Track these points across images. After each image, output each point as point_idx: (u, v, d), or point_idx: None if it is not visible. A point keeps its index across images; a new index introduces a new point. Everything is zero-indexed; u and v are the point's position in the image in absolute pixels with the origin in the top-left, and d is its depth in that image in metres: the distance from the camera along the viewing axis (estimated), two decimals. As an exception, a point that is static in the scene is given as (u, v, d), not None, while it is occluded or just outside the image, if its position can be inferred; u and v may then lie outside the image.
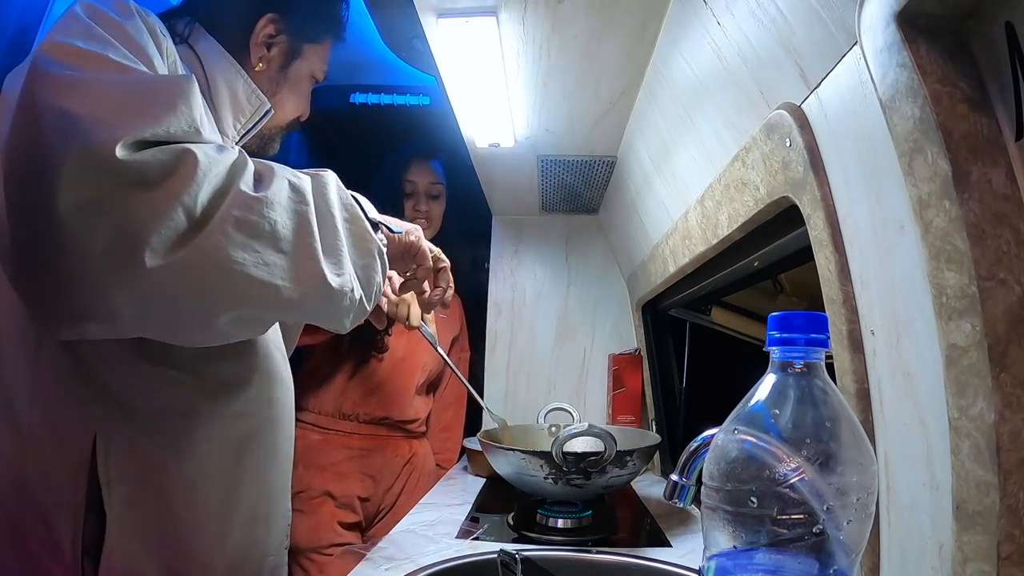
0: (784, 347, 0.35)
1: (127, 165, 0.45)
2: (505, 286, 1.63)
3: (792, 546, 0.32)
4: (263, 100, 0.72)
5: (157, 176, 0.46)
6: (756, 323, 1.23)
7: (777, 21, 0.51)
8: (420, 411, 1.38)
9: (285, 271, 0.51)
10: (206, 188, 0.48)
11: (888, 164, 0.41)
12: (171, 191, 0.46)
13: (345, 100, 1.81)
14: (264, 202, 0.50)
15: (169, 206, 0.46)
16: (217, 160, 0.49)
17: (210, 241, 0.47)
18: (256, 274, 0.50)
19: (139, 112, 0.47)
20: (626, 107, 0.96)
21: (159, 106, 0.48)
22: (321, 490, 1.23)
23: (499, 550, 0.67)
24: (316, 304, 0.55)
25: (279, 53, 0.75)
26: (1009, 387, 0.33)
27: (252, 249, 0.49)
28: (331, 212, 0.57)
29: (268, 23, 0.73)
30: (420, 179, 1.38)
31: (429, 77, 1.54)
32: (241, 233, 0.49)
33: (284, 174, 0.54)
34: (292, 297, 0.52)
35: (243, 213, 0.49)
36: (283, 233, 0.51)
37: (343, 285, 0.56)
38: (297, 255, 0.52)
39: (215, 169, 0.49)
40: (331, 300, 0.55)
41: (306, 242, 0.53)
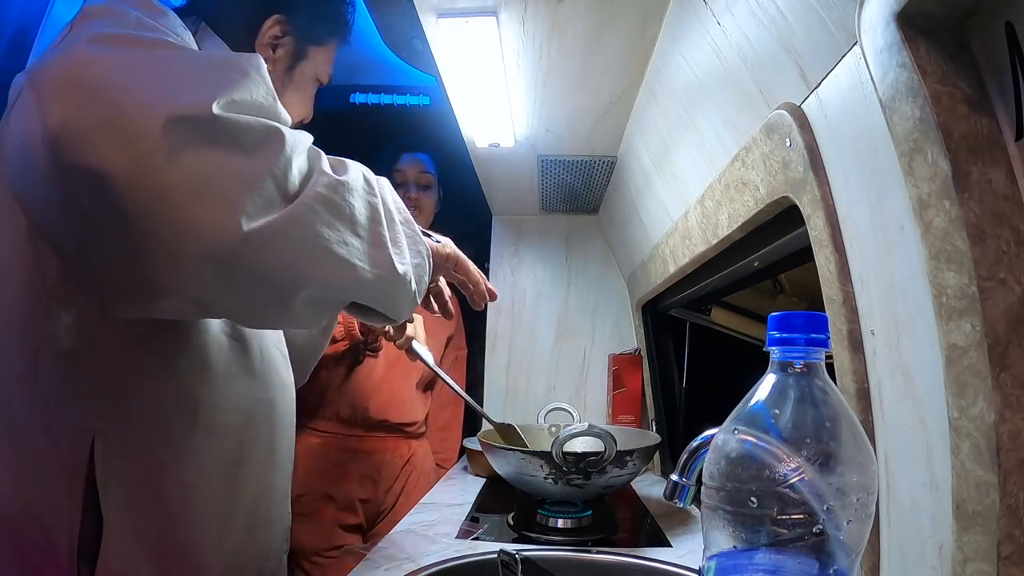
0: (784, 347, 0.35)
1: (224, 123, 0.46)
2: (505, 286, 1.63)
3: (792, 546, 0.32)
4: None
5: (250, 144, 0.47)
6: (756, 323, 1.23)
7: (777, 21, 0.51)
8: (419, 412, 1.38)
9: (362, 253, 0.54)
10: (294, 165, 0.49)
11: (888, 164, 0.41)
12: (264, 161, 0.47)
13: (345, 100, 1.82)
14: (346, 186, 0.53)
15: (262, 175, 0.47)
16: (300, 139, 0.51)
17: (299, 214, 0.49)
18: (338, 251, 0.51)
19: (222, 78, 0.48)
20: (626, 107, 0.96)
21: (239, 73, 0.49)
22: (321, 493, 1.23)
23: (499, 550, 0.67)
24: (385, 288, 0.57)
25: (285, 55, 0.74)
26: (1009, 387, 0.33)
27: (335, 228, 0.51)
28: (391, 209, 0.59)
29: (274, 24, 0.73)
30: (409, 169, 1.39)
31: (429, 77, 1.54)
32: (327, 211, 0.50)
33: (358, 166, 0.57)
34: (367, 278, 0.54)
35: (328, 193, 0.51)
36: (360, 219, 0.54)
37: (407, 273, 0.59)
38: (371, 240, 0.55)
39: (300, 147, 0.50)
40: (398, 286, 0.58)
41: (378, 231, 0.55)
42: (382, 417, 1.30)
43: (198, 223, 0.45)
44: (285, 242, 0.48)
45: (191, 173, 0.45)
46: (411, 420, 1.35)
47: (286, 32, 0.74)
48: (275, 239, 0.47)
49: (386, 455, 1.32)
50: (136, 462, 0.57)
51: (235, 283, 0.49)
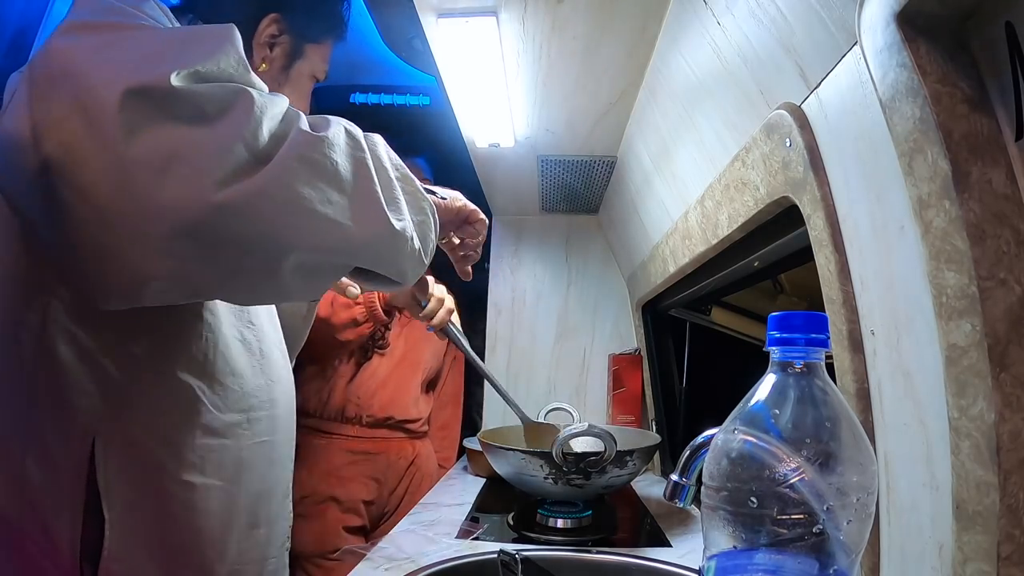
0: (784, 347, 0.35)
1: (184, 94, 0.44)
2: (505, 286, 1.63)
3: (792, 546, 0.32)
4: None
5: (215, 111, 0.45)
6: (756, 323, 1.23)
7: (777, 21, 0.51)
8: (422, 410, 1.38)
9: (348, 212, 0.50)
10: (266, 126, 0.47)
11: (888, 164, 0.41)
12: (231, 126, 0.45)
13: (345, 100, 1.82)
14: (325, 142, 0.50)
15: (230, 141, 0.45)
16: (272, 102, 0.49)
17: (274, 175, 0.46)
18: (322, 211, 0.49)
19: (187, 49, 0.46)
20: (626, 107, 0.96)
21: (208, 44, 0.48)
22: (326, 495, 1.23)
23: (499, 550, 0.67)
24: (381, 247, 0.54)
25: (281, 53, 0.74)
26: (1009, 387, 0.33)
27: (316, 187, 0.48)
28: (383, 163, 0.56)
29: (271, 23, 0.72)
30: None
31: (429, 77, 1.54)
32: (306, 170, 0.48)
33: (340, 121, 0.54)
34: (358, 237, 0.51)
35: (307, 151, 0.48)
36: (344, 175, 0.50)
37: (405, 229, 0.55)
38: (359, 197, 0.52)
39: (271, 110, 0.48)
40: (396, 243, 0.55)
41: (366, 186, 0.52)
42: (387, 414, 1.30)
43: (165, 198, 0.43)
44: (263, 206, 0.46)
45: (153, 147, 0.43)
46: (415, 417, 1.36)
47: (283, 31, 0.74)
48: (251, 205, 0.45)
49: (391, 456, 1.31)
50: (137, 462, 0.57)
51: (215, 257, 0.47)
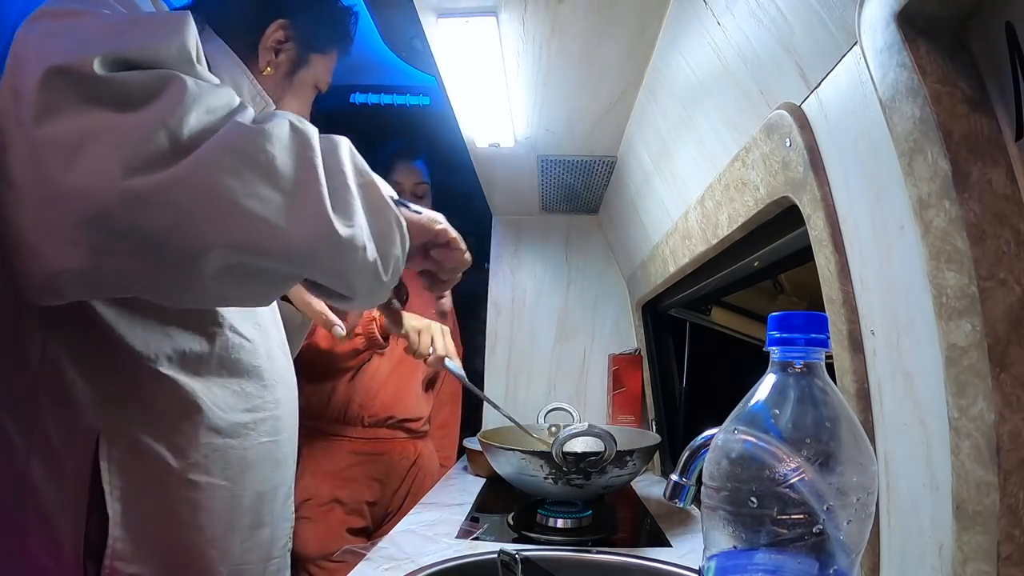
0: (784, 347, 0.35)
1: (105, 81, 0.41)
2: (505, 286, 1.63)
3: (792, 546, 0.32)
4: (268, 101, 0.72)
5: (139, 97, 0.42)
6: (756, 323, 1.23)
7: (777, 21, 0.51)
8: (423, 409, 1.39)
9: (281, 209, 0.45)
10: (195, 115, 0.43)
11: (888, 164, 0.41)
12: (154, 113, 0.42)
13: (345, 100, 1.82)
14: (262, 134, 0.45)
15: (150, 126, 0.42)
16: (211, 92, 0.45)
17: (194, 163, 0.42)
18: (246, 204, 0.44)
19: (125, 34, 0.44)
20: (626, 107, 0.96)
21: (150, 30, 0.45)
22: (330, 497, 1.23)
23: (499, 550, 0.67)
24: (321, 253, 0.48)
25: (286, 60, 0.75)
26: (1009, 387, 0.33)
27: (242, 177, 0.44)
28: (342, 170, 0.51)
29: (278, 29, 0.73)
30: (405, 180, 1.38)
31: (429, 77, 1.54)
32: (231, 159, 0.44)
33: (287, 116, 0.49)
34: (292, 239, 0.46)
35: (237, 140, 0.44)
36: (283, 170, 0.45)
37: (353, 237, 0.48)
38: (298, 196, 0.46)
39: (207, 100, 0.44)
40: (341, 251, 0.48)
41: (309, 185, 0.47)
42: (388, 414, 1.30)
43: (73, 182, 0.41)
44: (176, 196, 0.42)
45: (66, 129, 0.41)
46: (416, 416, 1.36)
47: (289, 37, 0.74)
48: (163, 193, 0.42)
49: (393, 456, 1.32)
50: (141, 461, 0.57)
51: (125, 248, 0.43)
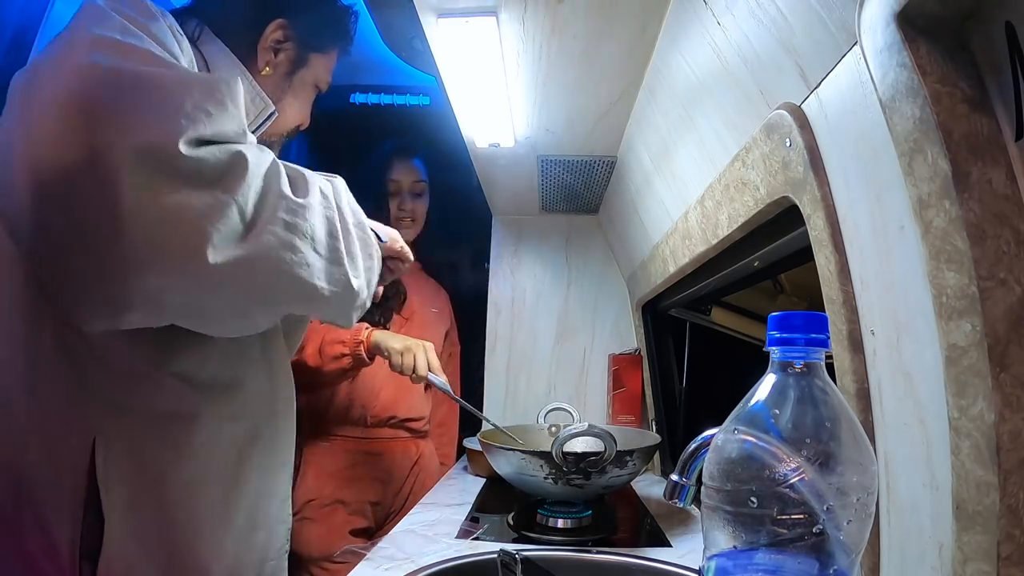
0: (784, 347, 0.35)
1: (189, 161, 0.47)
2: (505, 286, 1.63)
3: (792, 546, 0.32)
4: (267, 103, 0.72)
5: (213, 175, 0.49)
6: (756, 323, 1.23)
7: (777, 21, 0.51)
8: (424, 408, 1.39)
9: (322, 272, 0.56)
10: (256, 185, 0.51)
11: (888, 164, 0.41)
12: (226, 190, 0.49)
13: (345, 100, 1.82)
14: (305, 207, 0.54)
15: (226, 205, 0.49)
16: (261, 161, 0.52)
17: (262, 241, 0.51)
18: (301, 273, 0.54)
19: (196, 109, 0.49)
20: (626, 107, 0.96)
21: (214, 104, 0.50)
22: (333, 498, 1.23)
23: (499, 550, 0.67)
24: (339, 302, 0.59)
25: (286, 60, 0.75)
26: (1009, 387, 0.33)
27: (297, 250, 0.53)
28: (345, 216, 0.61)
29: (277, 28, 0.73)
30: (403, 178, 1.38)
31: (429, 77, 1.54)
32: (288, 234, 0.52)
33: (316, 180, 0.58)
34: (325, 295, 0.57)
35: (288, 216, 0.53)
36: (319, 236, 0.55)
37: (359, 287, 0.61)
38: (329, 257, 0.57)
39: (261, 170, 0.52)
40: (351, 299, 0.61)
41: (335, 246, 0.58)
42: (390, 414, 1.30)
43: (166, 252, 0.47)
44: (250, 269, 0.50)
45: (158, 204, 0.46)
46: (418, 416, 1.36)
47: (288, 37, 0.74)
48: (240, 270, 0.50)
49: (396, 456, 1.32)
50: (137, 462, 0.57)
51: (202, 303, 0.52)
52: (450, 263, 1.64)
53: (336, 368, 1.16)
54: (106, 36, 0.50)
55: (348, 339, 1.13)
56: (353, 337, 1.13)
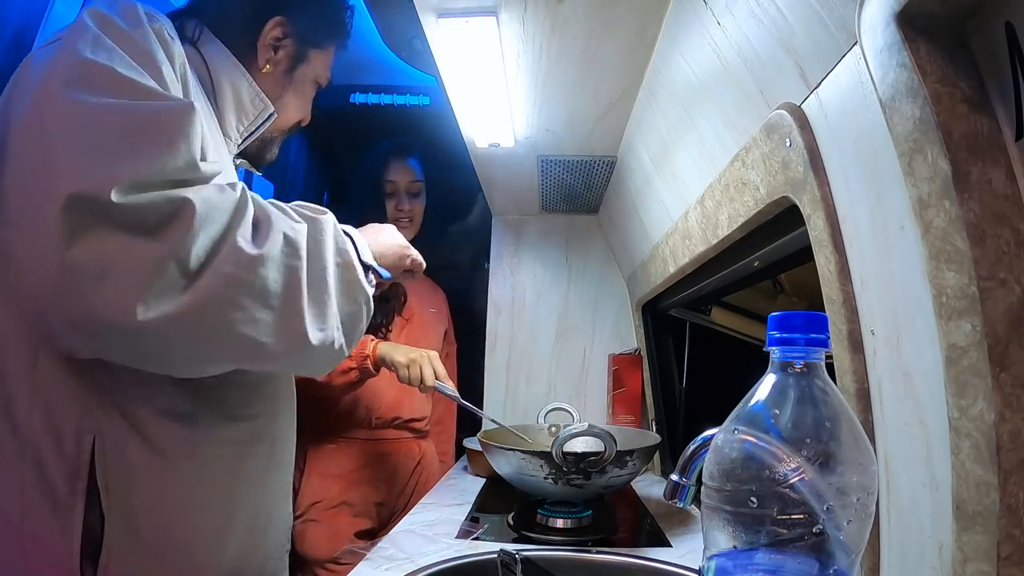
0: (784, 347, 0.35)
1: (124, 209, 0.45)
2: (505, 286, 1.63)
3: (792, 546, 0.32)
4: (267, 103, 0.73)
5: (154, 223, 0.46)
6: (756, 323, 1.23)
7: (777, 21, 0.51)
8: (426, 408, 1.39)
9: (271, 328, 0.52)
10: (202, 239, 0.48)
11: (888, 164, 0.41)
12: (167, 241, 0.46)
13: (345, 100, 1.82)
14: (258, 260, 0.51)
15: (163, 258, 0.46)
16: (215, 207, 0.49)
17: (202, 297, 0.48)
18: (244, 331, 0.51)
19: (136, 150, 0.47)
20: (626, 107, 0.96)
21: (158, 143, 0.48)
22: (338, 500, 1.23)
23: (499, 550, 0.67)
24: (296, 358, 0.57)
25: (285, 56, 0.75)
26: (1009, 387, 0.33)
27: (241, 306, 0.50)
28: (323, 263, 0.58)
29: (276, 26, 0.73)
30: (400, 178, 1.38)
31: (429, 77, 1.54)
32: (233, 289, 0.49)
33: (281, 225, 0.54)
34: (275, 352, 0.54)
35: (236, 270, 0.49)
36: (273, 289, 0.52)
37: (324, 340, 0.57)
38: (284, 312, 0.53)
39: (213, 217, 0.49)
40: (310, 355, 0.57)
41: (293, 299, 0.54)
42: (394, 415, 1.31)
43: (98, 307, 0.46)
44: (185, 326, 0.48)
45: (90, 255, 0.45)
46: (421, 416, 1.37)
47: (287, 34, 0.74)
48: (173, 327, 0.47)
49: (399, 457, 1.32)
50: (136, 462, 0.57)
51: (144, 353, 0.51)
52: (448, 263, 1.64)
53: (344, 382, 1.18)
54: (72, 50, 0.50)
55: (355, 353, 1.15)
56: (359, 352, 1.16)
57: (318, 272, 0.57)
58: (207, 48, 0.70)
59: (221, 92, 0.70)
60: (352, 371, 1.16)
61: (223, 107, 0.70)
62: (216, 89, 0.69)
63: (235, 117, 0.71)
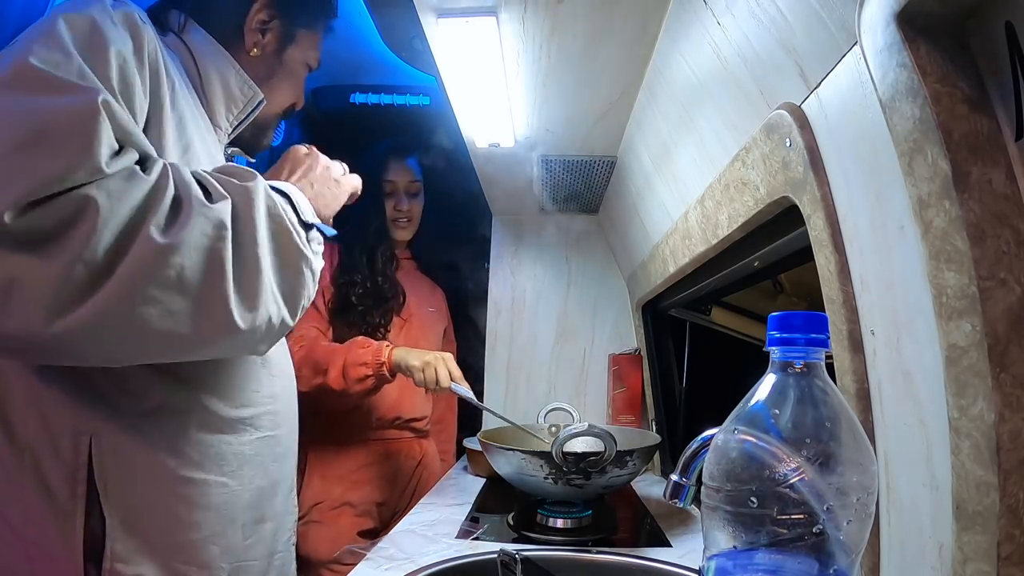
0: (784, 347, 0.35)
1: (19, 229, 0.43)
2: (505, 286, 1.63)
3: (792, 546, 0.32)
4: (256, 91, 0.72)
5: (56, 228, 0.45)
6: (756, 323, 1.23)
7: (777, 21, 0.51)
8: (427, 408, 1.39)
9: (190, 317, 0.50)
10: (107, 236, 0.46)
11: (888, 164, 0.41)
12: (71, 246, 0.45)
13: (345, 100, 1.81)
14: (171, 249, 0.48)
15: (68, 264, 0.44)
16: (123, 199, 0.47)
17: (113, 296, 0.46)
18: (160, 326, 0.49)
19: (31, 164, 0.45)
20: (626, 107, 0.96)
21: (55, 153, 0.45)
22: (340, 500, 1.23)
23: (499, 550, 0.67)
24: (224, 343, 0.54)
25: (273, 38, 0.75)
26: (1009, 387, 0.33)
27: (156, 300, 0.48)
28: (254, 234, 0.54)
29: (261, 8, 0.73)
30: (399, 178, 1.38)
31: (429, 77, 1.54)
32: (145, 283, 0.47)
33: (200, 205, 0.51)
34: (197, 342, 0.52)
35: (146, 262, 0.47)
36: (190, 276, 0.49)
37: (254, 320, 0.54)
38: (204, 299, 0.51)
39: (120, 211, 0.46)
40: (240, 338, 0.54)
41: (215, 283, 0.51)
42: (395, 414, 1.31)
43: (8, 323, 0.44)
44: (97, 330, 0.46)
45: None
46: (422, 415, 1.37)
47: (273, 16, 0.74)
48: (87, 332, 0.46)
49: (401, 457, 1.33)
50: (134, 461, 0.57)
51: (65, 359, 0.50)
52: (447, 263, 1.64)
53: (361, 389, 1.17)
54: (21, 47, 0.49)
55: (370, 360, 1.15)
56: (375, 358, 1.15)
57: (247, 248, 0.54)
58: (192, 38, 0.69)
59: (209, 82, 0.69)
60: (369, 379, 1.16)
61: (211, 98, 0.70)
62: (204, 80, 0.69)
63: (223, 106, 0.71)
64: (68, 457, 0.54)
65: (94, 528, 0.55)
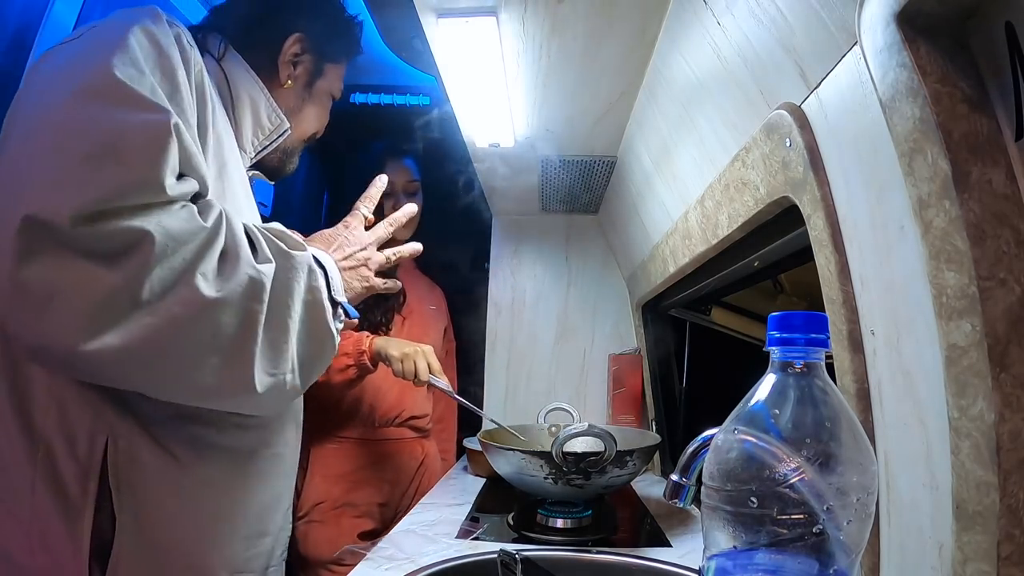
0: (784, 347, 0.35)
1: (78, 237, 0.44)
2: (505, 286, 1.63)
3: (792, 546, 0.32)
4: (283, 120, 0.75)
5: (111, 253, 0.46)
6: (756, 323, 1.23)
7: (777, 21, 0.51)
8: (426, 406, 1.39)
9: (215, 370, 0.51)
10: (159, 273, 0.47)
11: (888, 164, 0.41)
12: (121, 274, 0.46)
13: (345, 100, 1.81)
14: (212, 302, 0.49)
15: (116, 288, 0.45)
16: (178, 239, 0.48)
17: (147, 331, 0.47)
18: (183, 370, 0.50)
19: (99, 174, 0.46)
20: (626, 107, 0.96)
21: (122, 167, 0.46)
22: (341, 501, 1.23)
23: (499, 550, 0.67)
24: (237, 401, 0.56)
25: (304, 71, 0.78)
26: (1009, 387, 0.33)
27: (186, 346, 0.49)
28: (289, 304, 0.56)
29: (295, 43, 0.76)
30: (397, 179, 1.39)
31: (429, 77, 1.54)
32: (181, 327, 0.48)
33: (247, 265, 0.52)
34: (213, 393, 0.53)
35: (185, 312, 0.48)
36: (225, 333, 0.51)
37: (273, 385, 0.55)
38: (231, 356, 0.52)
39: (174, 250, 0.47)
40: (253, 400, 0.55)
41: (245, 346, 0.52)
42: (396, 413, 1.31)
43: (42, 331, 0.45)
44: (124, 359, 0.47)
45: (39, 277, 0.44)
46: (422, 413, 1.37)
47: (305, 50, 0.77)
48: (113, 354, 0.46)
49: (402, 457, 1.32)
50: (149, 464, 0.57)
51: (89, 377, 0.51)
52: (447, 262, 1.65)
53: (343, 379, 1.18)
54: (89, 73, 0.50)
55: (351, 350, 1.15)
56: (356, 347, 1.15)
57: (280, 315, 0.55)
58: (229, 64, 0.72)
59: (240, 106, 0.72)
60: (350, 368, 1.16)
61: (240, 121, 0.72)
62: (235, 103, 0.71)
63: (251, 131, 0.73)
64: (83, 456, 0.54)
65: (101, 528, 0.55)
